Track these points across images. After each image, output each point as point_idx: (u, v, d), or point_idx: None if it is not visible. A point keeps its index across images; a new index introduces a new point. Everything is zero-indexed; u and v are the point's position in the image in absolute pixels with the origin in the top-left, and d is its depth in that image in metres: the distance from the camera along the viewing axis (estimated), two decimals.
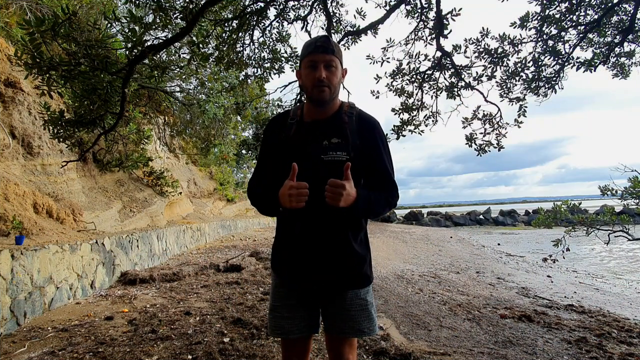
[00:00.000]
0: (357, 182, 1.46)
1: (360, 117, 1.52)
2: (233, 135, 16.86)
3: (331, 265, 1.46)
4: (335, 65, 1.44)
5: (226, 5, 4.87)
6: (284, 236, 1.55)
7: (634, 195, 4.25)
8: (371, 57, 5.98)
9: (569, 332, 3.86)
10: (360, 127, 1.49)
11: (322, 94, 1.43)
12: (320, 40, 1.45)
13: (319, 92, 1.43)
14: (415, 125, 6.35)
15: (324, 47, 1.43)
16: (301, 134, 1.50)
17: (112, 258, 5.19)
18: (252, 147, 19.39)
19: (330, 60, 1.43)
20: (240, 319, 3.53)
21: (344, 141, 1.45)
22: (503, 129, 5.84)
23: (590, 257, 12.09)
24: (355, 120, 1.49)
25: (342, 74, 1.51)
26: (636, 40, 5.10)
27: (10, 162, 5.18)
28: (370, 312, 1.51)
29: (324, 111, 1.50)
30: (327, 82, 1.42)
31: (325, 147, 1.45)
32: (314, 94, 1.44)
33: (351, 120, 1.49)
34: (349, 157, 1.43)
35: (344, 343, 1.51)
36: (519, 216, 31.95)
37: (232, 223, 14.59)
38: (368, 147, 1.48)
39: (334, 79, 1.44)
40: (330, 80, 1.43)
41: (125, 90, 3.37)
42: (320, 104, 1.47)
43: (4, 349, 2.87)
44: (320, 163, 1.43)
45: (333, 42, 1.46)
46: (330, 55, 1.43)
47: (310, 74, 1.44)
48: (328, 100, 1.46)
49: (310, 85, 1.44)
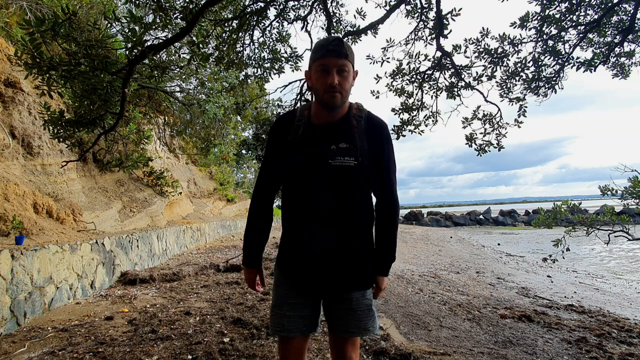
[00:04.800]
0: (358, 186, 1.47)
1: (369, 120, 1.50)
2: (233, 135, 16.86)
3: (338, 267, 1.47)
4: (347, 70, 1.42)
5: (226, 5, 4.87)
6: (291, 237, 1.55)
7: (634, 195, 4.24)
8: (371, 57, 5.98)
9: (569, 332, 3.86)
10: (368, 131, 1.48)
11: (334, 99, 1.41)
12: (333, 44, 1.40)
13: (331, 98, 1.41)
14: (415, 125, 6.35)
15: (337, 51, 1.39)
16: (309, 137, 1.48)
17: (112, 258, 5.19)
18: (252, 147, 19.38)
19: (343, 65, 1.40)
20: (240, 319, 3.53)
21: (353, 146, 1.44)
22: (503, 129, 5.84)
23: (590, 257, 12.09)
24: (364, 124, 1.48)
25: (354, 76, 1.48)
26: (636, 40, 5.10)
27: (10, 162, 5.18)
28: (373, 312, 1.55)
29: (333, 115, 1.48)
30: (339, 87, 1.40)
31: (333, 152, 1.43)
32: (326, 98, 1.42)
33: (360, 124, 1.47)
34: (357, 162, 1.43)
35: (348, 342, 1.53)
36: (519, 216, 31.97)
37: (232, 223, 14.59)
38: (374, 152, 1.48)
39: (346, 84, 1.42)
40: (343, 85, 1.41)
41: (125, 90, 3.37)
42: (330, 109, 1.46)
43: (4, 349, 2.86)
44: (328, 168, 1.43)
45: (346, 44, 1.43)
46: (343, 60, 1.40)
47: (321, 78, 1.42)
48: (339, 105, 1.45)
49: (321, 90, 1.42)
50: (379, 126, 1.51)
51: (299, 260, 1.51)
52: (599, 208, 10.66)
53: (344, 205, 1.45)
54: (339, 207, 1.45)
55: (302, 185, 1.48)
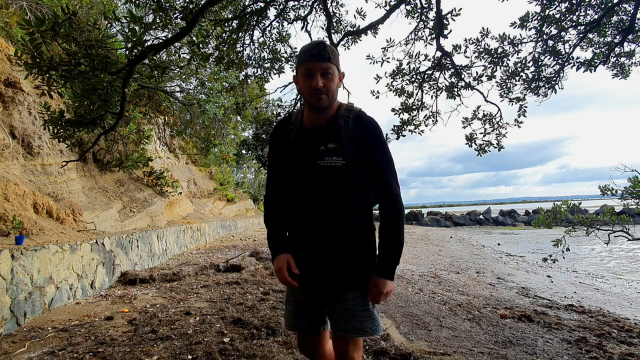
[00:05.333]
0: (356, 186, 1.49)
1: (357, 119, 1.52)
2: (233, 135, 16.87)
3: (336, 267, 1.51)
4: (332, 73, 1.46)
5: (226, 5, 4.87)
6: (293, 236, 1.62)
7: (634, 195, 4.24)
8: (371, 57, 5.98)
9: (569, 332, 3.86)
10: (356, 131, 1.50)
11: (320, 101, 1.46)
12: (316, 48, 1.45)
13: (317, 100, 1.46)
14: (415, 125, 6.35)
15: (320, 54, 1.44)
16: (301, 140, 1.55)
17: (112, 258, 5.19)
18: (252, 147, 19.38)
19: (326, 68, 1.44)
20: (240, 319, 3.53)
21: (340, 146, 1.48)
22: (503, 129, 5.84)
23: (590, 257, 12.09)
24: (352, 124, 1.50)
25: (340, 78, 1.52)
26: (636, 40, 5.10)
27: (10, 162, 5.18)
28: (372, 313, 1.54)
29: (322, 116, 1.52)
30: (325, 89, 1.44)
31: (322, 153, 1.48)
32: (312, 101, 1.47)
33: (347, 124, 1.50)
34: (345, 162, 1.46)
35: (349, 342, 1.54)
36: (519, 216, 31.96)
37: (232, 223, 14.60)
38: (364, 150, 1.49)
39: (331, 85, 1.46)
40: (328, 87, 1.45)
41: (125, 90, 3.37)
42: (318, 111, 1.51)
43: (4, 349, 2.86)
44: (317, 168, 1.48)
45: (329, 47, 1.47)
46: (326, 63, 1.44)
47: (307, 82, 1.46)
48: (326, 106, 1.49)
49: (307, 93, 1.47)
50: (367, 125, 1.52)
51: (300, 260, 1.55)
52: (599, 208, 10.67)
53: (342, 205, 1.48)
54: (338, 208, 1.48)
55: (299, 186, 1.54)
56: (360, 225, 1.52)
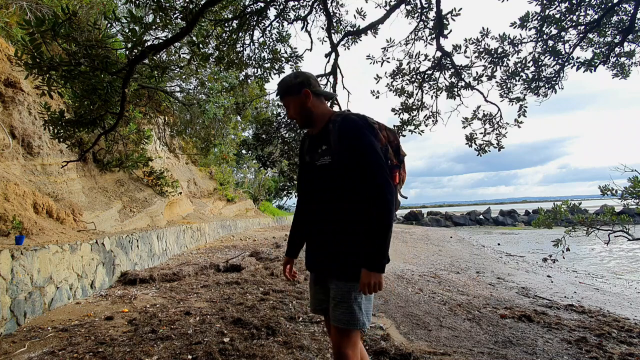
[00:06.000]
0: (345, 181, 1.63)
1: (341, 122, 1.66)
2: (233, 135, 16.85)
3: (323, 256, 1.71)
4: (288, 104, 1.75)
5: (226, 5, 4.87)
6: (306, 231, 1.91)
7: (634, 195, 4.24)
8: (371, 57, 5.98)
9: (569, 332, 3.86)
10: (340, 131, 1.64)
11: (300, 125, 1.83)
12: (278, 87, 1.77)
13: (298, 125, 1.83)
14: (415, 125, 6.35)
15: (278, 93, 1.78)
16: (309, 147, 1.82)
17: (112, 258, 5.19)
18: (252, 147, 19.37)
19: (286, 103, 1.76)
20: (240, 319, 3.53)
21: (329, 147, 1.68)
22: (503, 128, 5.84)
23: (590, 257, 12.09)
24: (337, 126, 1.66)
25: (303, 100, 1.72)
26: (636, 40, 5.10)
27: (10, 162, 5.19)
28: (350, 307, 1.59)
29: (316, 126, 1.78)
30: (295, 117, 1.76)
31: (318, 154, 1.72)
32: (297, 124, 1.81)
33: (334, 128, 1.67)
34: (332, 159, 1.65)
35: (337, 331, 1.62)
36: (519, 216, 31.96)
37: (232, 223, 14.59)
38: (348, 147, 1.61)
39: (296, 113, 1.75)
40: (295, 115, 1.76)
41: (125, 90, 3.37)
42: (305, 129, 1.85)
43: (4, 349, 2.87)
44: (316, 167, 1.73)
45: (284, 82, 1.75)
46: (284, 99, 1.76)
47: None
48: (305, 126, 1.81)
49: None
50: (349, 123, 1.64)
51: (308, 248, 1.81)
52: (599, 208, 10.65)
53: (334, 198, 1.66)
54: (330, 200, 1.67)
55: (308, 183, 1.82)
56: (350, 218, 1.62)
